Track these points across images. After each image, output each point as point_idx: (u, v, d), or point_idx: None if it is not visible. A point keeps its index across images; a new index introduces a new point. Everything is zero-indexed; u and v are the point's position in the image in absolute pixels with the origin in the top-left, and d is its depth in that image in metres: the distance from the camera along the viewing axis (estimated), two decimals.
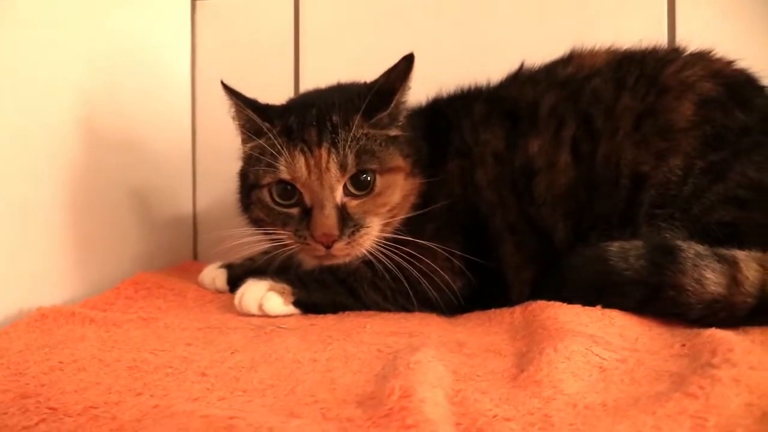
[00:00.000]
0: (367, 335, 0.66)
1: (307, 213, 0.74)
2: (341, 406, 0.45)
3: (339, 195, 0.73)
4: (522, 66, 0.91)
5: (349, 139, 0.73)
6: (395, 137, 0.78)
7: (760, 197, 0.74)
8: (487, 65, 0.90)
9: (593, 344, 0.59)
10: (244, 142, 0.80)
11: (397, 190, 0.77)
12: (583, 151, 0.78)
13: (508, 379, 0.53)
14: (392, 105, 0.76)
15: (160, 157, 1.05)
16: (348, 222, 0.73)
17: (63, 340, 0.62)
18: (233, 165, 0.83)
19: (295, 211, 0.75)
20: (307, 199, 0.74)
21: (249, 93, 1.04)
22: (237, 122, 0.79)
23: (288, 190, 0.74)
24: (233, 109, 0.79)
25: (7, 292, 0.71)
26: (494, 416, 0.44)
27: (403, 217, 0.78)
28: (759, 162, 0.75)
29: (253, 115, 0.76)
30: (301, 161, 0.73)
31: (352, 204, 0.74)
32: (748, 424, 0.43)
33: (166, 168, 1.08)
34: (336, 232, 0.71)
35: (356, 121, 0.74)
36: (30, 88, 0.76)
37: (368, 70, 0.80)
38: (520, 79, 0.88)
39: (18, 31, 0.74)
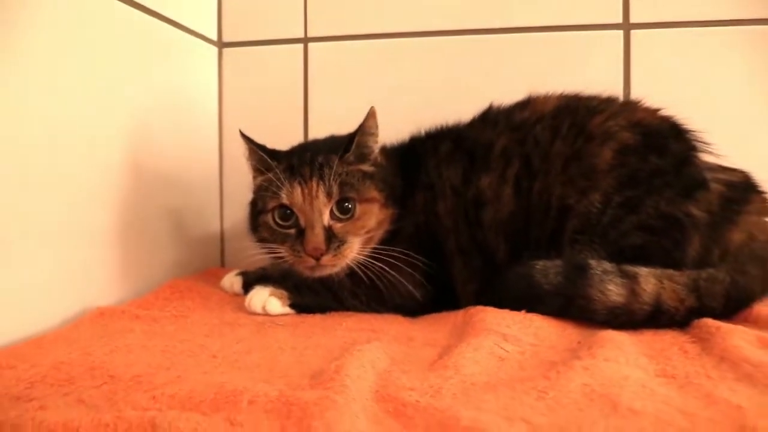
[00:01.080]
0: (341, 331, 0.87)
1: (301, 233, 0.94)
2: (300, 378, 0.66)
3: (326, 218, 0.94)
4: (490, 107, 1.10)
5: (333, 175, 0.94)
6: (371, 174, 0.99)
7: (668, 225, 0.92)
8: (469, 103, 1.11)
9: (503, 340, 0.78)
10: (255, 177, 1.01)
11: (373, 216, 0.97)
12: (523, 187, 0.97)
13: (428, 364, 0.72)
14: (353, 147, 0.97)
15: (193, 184, 1.27)
16: (333, 240, 0.93)
17: (117, 331, 0.84)
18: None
19: (292, 231, 0.95)
20: (302, 221, 0.94)
21: (266, 127, 1.29)
22: (250, 162, 1.01)
23: (287, 214, 0.95)
24: (248, 152, 1.00)
25: (73, 294, 0.94)
26: (403, 387, 0.64)
27: (378, 238, 0.98)
28: (669, 197, 0.92)
29: (264, 155, 0.98)
30: (298, 190, 0.94)
31: (337, 226, 0.95)
32: (577, 398, 0.62)
33: (199, 192, 1.31)
34: (323, 247, 0.92)
35: (336, 162, 0.95)
36: (88, 132, 0.97)
37: (363, 107, 1.00)
38: (486, 119, 1.07)
39: (76, 88, 0.95)
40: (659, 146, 0.94)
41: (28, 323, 0.85)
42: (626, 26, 1.23)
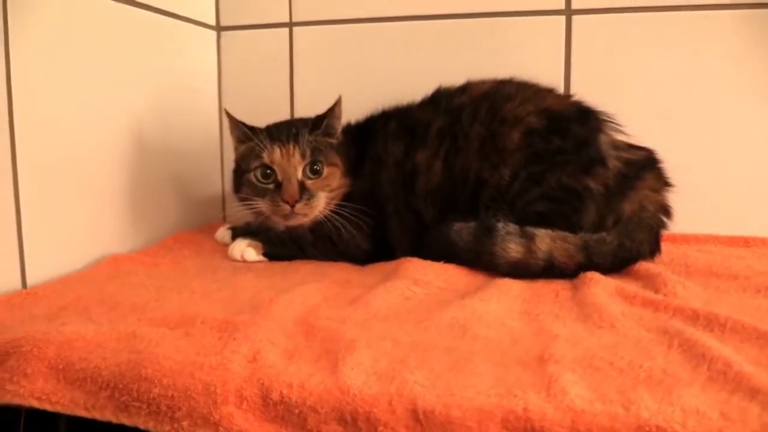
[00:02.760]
0: (296, 275, 1.10)
1: (278, 186, 1.15)
2: (246, 307, 0.89)
3: (300, 173, 1.16)
4: (438, 89, 1.29)
5: (305, 141, 1.16)
6: (334, 145, 1.20)
7: (568, 196, 1.10)
8: (426, 83, 1.30)
9: (414, 284, 0.99)
10: (237, 147, 1.23)
11: (336, 178, 1.19)
12: (450, 161, 1.17)
13: (349, 302, 0.94)
14: (323, 126, 1.18)
15: (197, 152, 1.51)
16: (305, 192, 1.15)
17: (125, 273, 1.09)
18: None
19: (271, 186, 1.17)
20: (279, 176, 1.15)
21: (258, 101, 1.51)
22: (233, 135, 1.23)
23: (267, 173, 1.16)
24: (231, 126, 1.22)
25: (93, 243, 1.19)
26: (321, 316, 0.86)
27: (337, 199, 1.19)
28: (570, 172, 1.10)
29: (247, 130, 1.20)
30: (277, 151, 1.15)
31: (308, 182, 1.16)
32: (442, 327, 0.82)
33: (202, 159, 1.54)
34: (297, 196, 1.14)
35: (306, 133, 1.17)
36: (106, 111, 1.21)
37: (339, 84, 1.21)
38: (433, 100, 1.26)
39: (94, 71, 1.18)
40: (562, 129, 1.12)
41: (59, 265, 1.10)
42: (568, 12, 1.38)
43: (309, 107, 1.52)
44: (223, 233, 1.35)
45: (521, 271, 1.05)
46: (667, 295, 0.94)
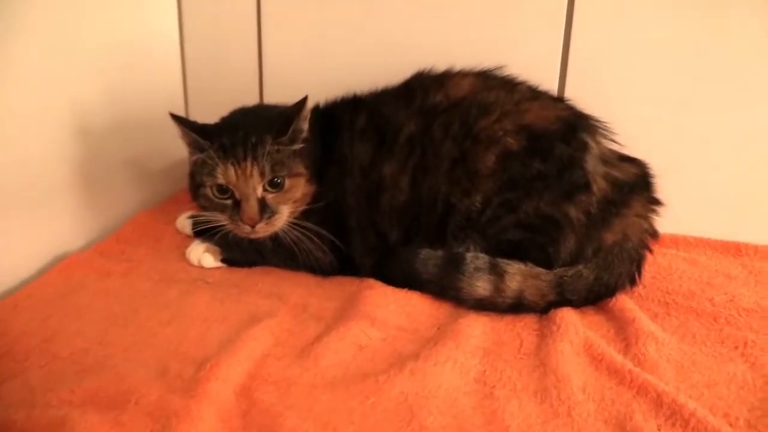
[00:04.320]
0: (253, 295, 1.04)
1: (237, 203, 1.05)
2: (188, 367, 0.85)
3: (259, 192, 1.04)
4: (418, 74, 1.14)
5: (265, 155, 1.03)
6: (299, 150, 1.07)
7: (545, 224, 1.01)
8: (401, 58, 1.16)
9: (370, 326, 0.94)
10: (191, 154, 1.10)
11: (300, 189, 1.07)
12: (418, 179, 1.06)
13: (299, 352, 0.90)
14: (290, 132, 1.04)
15: (159, 121, 1.35)
16: (266, 209, 1.04)
17: (75, 288, 1.03)
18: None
19: (229, 202, 1.05)
20: (237, 195, 1.04)
21: (224, 65, 1.37)
22: (184, 140, 1.09)
23: (224, 189, 1.05)
24: (181, 133, 1.07)
25: (45, 240, 1.13)
26: (268, 380, 0.82)
27: (301, 209, 1.09)
28: (549, 200, 1.01)
29: (196, 137, 1.06)
30: (232, 171, 1.02)
31: (269, 197, 1.05)
32: (389, 406, 0.77)
33: (165, 126, 1.42)
34: (257, 217, 1.03)
35: (269, 142, 1.03)
36: (39, 88, 1.08)
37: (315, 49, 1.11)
38: (408, 90, 1.12)
39: (28, 45, 1.05)
40: (543, 151, 1.00)
41: (7, 274, 1.05)
42: None
43: (278, 76, 1.40)
44: (183, 222, 1.28)
45: (488, 307, 0.99)
46: (636, 358, 0.89)
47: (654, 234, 1.06)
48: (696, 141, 1.25)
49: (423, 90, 1.10)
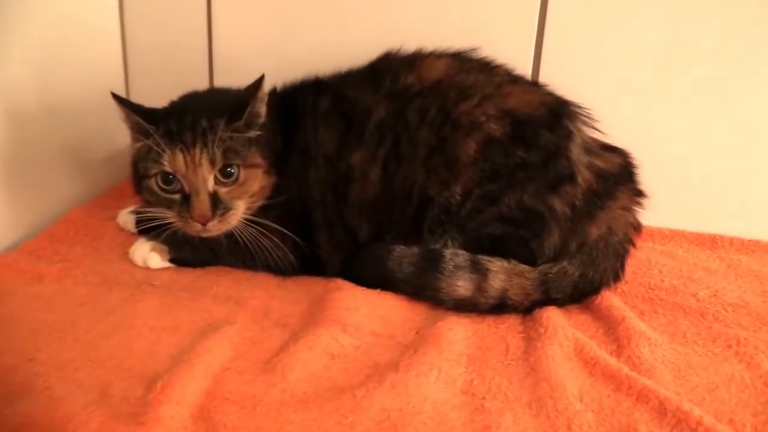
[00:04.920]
0: (207, 299, 0.93)
1: (186, 198, 0.93)
2: (137, 385, 0.73)
3: (211, 184, 0.93)
4: (385, 55, 1.05)
5: (216, 140, 0.92)
6: (256, 138, 0.96)
7: (528, 218, 0.94)
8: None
9: (342, 333, 0.84)
10: (134, 140, 0.98)
11: (257, 181, 0.97)
12: (390, 170, 0.97)
13: (263, 363, 0.80)
14: (245, 116, 0.94)
15: (95, 105, 1.21)
16: (219, 205, 0.93)
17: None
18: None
19: (177, 196, 0.94)
20: (186, 188, 0.93)
21: (169, 45, 1.23)
22: (127, 124, 0.97)
23: (170, 179, 0.93)
24: (123, 115, 0.96)
25: None
26: (228, 398, 0.72)
27: (259, 204, 0.98)
28: (533, 191, 0.93)
29: (140, 120, 0.94)
30: (180, 158, 0.91)
31: (222, 191, 0.94)
32: (370, 425, 0.68)
33: (103, 110, 1.26)
34: (209, 213, 0.92)
35: (221, 126, 0.92)
36: None
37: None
38: (372, 75, 1.03)
39: None
40: (528, 138, 0.93)
41: None
42: None
43: (231, 57, 1.29)
44: (125, 218, 1.15)
45: (468, 308, 0.92)
46: (631, 360, 0.82)
47: (638, 227, 1.00)
48: (669, 131, 1.21)
49: (392, 72, 1.01)
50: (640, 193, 1.00)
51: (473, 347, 0.85)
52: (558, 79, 1.05)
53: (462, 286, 0.90)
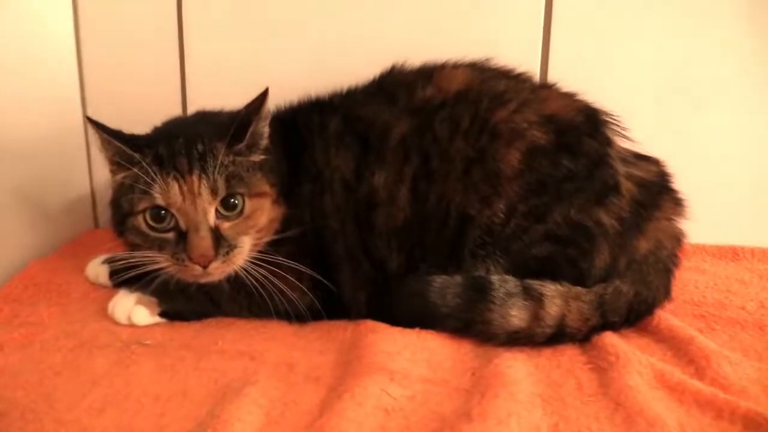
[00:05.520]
0: (214, 357, 0.78)
1: (182, 236, 0.79)
2: None
3: (212, 218, 0.79)
4: (391, 69, 0.95)
5: (218, 166, 0.79)
6: (261, 163, 0.84)
7: (576, 235, 0.85)
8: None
9: (390, 382, 0.71)
10: (114, 173, 0.83)
11: (265, 213, 0.84)
12: (420, 190, 0.86)
13: (303, 427, 0.65)
14: (248, 136, 0.81)
15: (48, 142, 1.07)
16: (222, 243, 0.79)
17: None
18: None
19: (170, 235, 0.80)
20: (182, 223, 0.79)
21: (136, 78, 1.09)
22: (105, 153, 0.82)
23: (162, 215, 0.79)
24: (100, 142, 0.81)
25: None
26: None
27: (267, 240, 0.85)
28: (580, 205, 0.84)
29: (122, 146, 0.79)
30: (174, 187, 0.77)
31: (225, 226, 0.80)
32: None
33: (58, 150, 1.11)
34: (212, 252, 0.78)
35: (221, 150, 0.79)
36: None
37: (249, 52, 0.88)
38: (384, 88, 0.93)
39: None
40: (572, 146, 0.85)
41: None
42: None
43: (206, 76, 1.15)
44: (96, 270, 0.97)
45: (523, 341, 0.81)
46: (717, 382, 0.73)
47: (683, 238, 0.92)
48: (680, 138, 1.16)
49: (406, 86, 0.91)
50: (681, 202, 0.92)
51: (541, 385, 0.73)
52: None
53: (516, 315, 0.79)
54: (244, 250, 0.82)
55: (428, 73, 0.92)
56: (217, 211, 0.80)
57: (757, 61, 1.11)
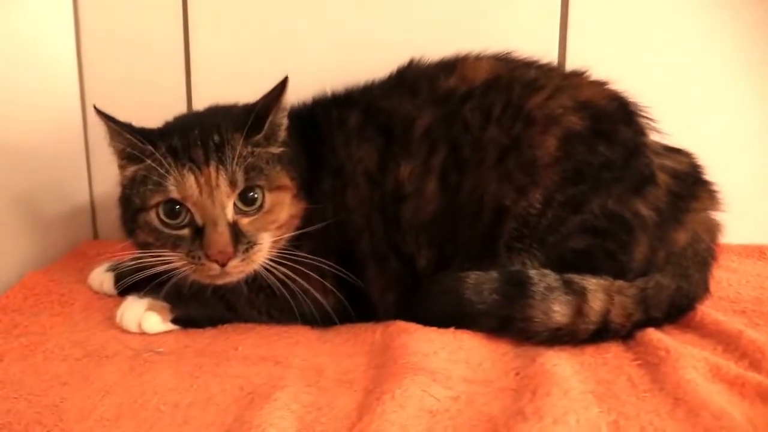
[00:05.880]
0: (235, 363, 0.72)
1: (198, 232, 0.74)
2: None
3: (230, 212, 0.74)
4: (409, 64, 0.91)
5: (236, 157, 0.74)
6: (280, 155, 0.79)
7: (615, 227, 0.81)
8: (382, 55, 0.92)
9: (432, 383, 0.66)
10: (124, 167, 0.78)
11: (285, 208, 0.79)
12: (450, 181, 0.81)
13: (345, 430, 0.59)
14: (266, 126, 0.77)
15: (47, 150, 1.02)
16: (241, 239, 0.74)
17: None
18: None
19: (185, 232, 0.74)
20: (199, 218, 0.74)
21: (140, 83, 1.03)
22: (114, 147, 0.77)
23: (177, 210, 0.74)
24: (109, 134, 0.76)
25: None
26: None
27: (287, 237, 0.80)
28: (617, 194, 0.80)
29: (133, 138, 0.75)
30: (190, 179, 0.73)
31: (244, 221, 0.75)
32: None
33: (56, 158, 1.06)
34: (231, 249, 0.72)
35: (239, 141, 0.75)
36: None
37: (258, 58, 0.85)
38: (403, 82, 0.89)
39: None
40: (609, 133, 0.81)
41: None
42: None
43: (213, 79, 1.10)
44: (100, 278, 0.91)
45: (565, 339, 0.75)
46: None
47: (720, 231, 0.89)
48: (700, 132, 1.13)
49: (427, 78, 0.87)
50: (715, 194, 0.89)
51: (591, 383, 0.68)
52: None
53: (559, 311, 0.74)
54: (264, 247, 0.76)
55: (450, 65, 0.88)
56: (235, 205, 0.75)
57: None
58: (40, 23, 1.03)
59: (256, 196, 0.75)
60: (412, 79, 0.88)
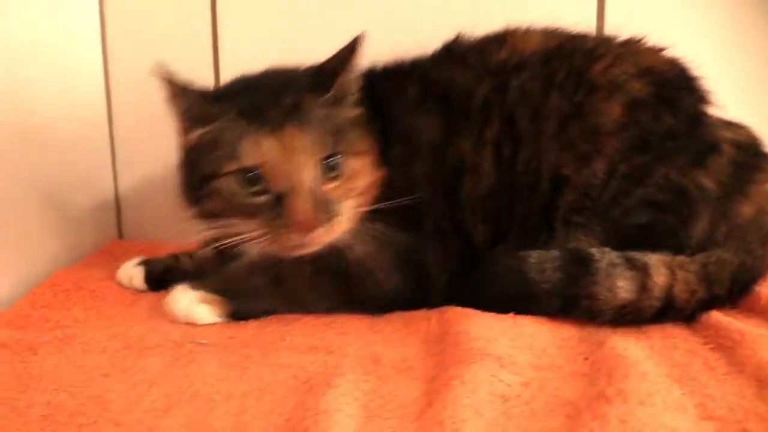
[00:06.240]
0: (285, 352, 0.67)
1: (279, 200, 0.69)
2: None
3: (313, 178, 0.70)
4: (456, 38, 0.88)
5: (313, 119, 0.70)
6: (356, 118, 0.75)
7: (678, 200, 0.77)
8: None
9: (500, 368, 0.62)
10: (187, 131, 0.74)
11: (367, 174, 0.75)
12: (505, 154, 0.78)
13: (414, 418, 0.55)
14: (334, 87, 0.73)
15: (71, 145, 0.98)
16: (325, 208, 0.70)
17: None
18: (153, 139, 0.80)
19: (263, 199, 0.70)
20: (279, 185, 0.69)
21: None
22: (175, 109, 0.73)
23: (254, 176, 0.69)
24: (170, 96, 0.72)
25: None
26: None
27: (364, 209, 0.75)
28: (681, 166, 0.77)
29: (200, 98, 0.71)
30: (269, 142, 0.68)
31: (327, 188, 0.71)
32: None
33: (80, 154, 1.01)
34: (315, 218, 0.68)
35: (315, 102, 0.71)
36: None
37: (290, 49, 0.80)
38: (452, 55, 0.86)
39: None
40: (672, 100, 0.77)
41: None
42: None
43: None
44: (130, 272, 0.87)
45: (630, 316, 0.71)
46: None
47: None
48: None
49: (478, 50, 0.84)
50: None
51: (666, 366, 0.64)
52: None
53: (623, 287, 0.70)
54: (346, 218, 0.72)
55: (499, 38, 0.85)
56: (316, 170, 0.70)
57: None
58: (65, 17, 0.99)
59: (338, 161, 0.71)
60: (462, 52, 0.85)
